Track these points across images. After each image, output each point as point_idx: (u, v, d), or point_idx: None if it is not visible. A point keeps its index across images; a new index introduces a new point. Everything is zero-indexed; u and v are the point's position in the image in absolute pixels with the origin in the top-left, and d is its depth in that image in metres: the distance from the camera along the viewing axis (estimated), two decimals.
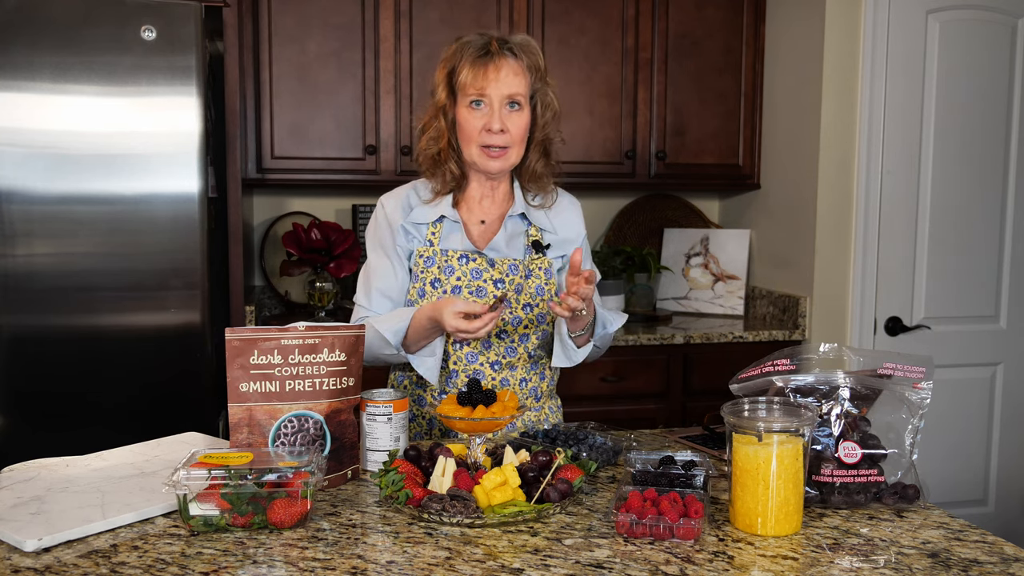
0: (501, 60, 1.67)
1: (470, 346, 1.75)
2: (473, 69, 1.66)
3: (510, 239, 1.78)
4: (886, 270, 3.15)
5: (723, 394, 1.43)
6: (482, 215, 1.81)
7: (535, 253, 1.78)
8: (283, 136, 3.10)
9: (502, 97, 1.67)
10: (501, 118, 1.68)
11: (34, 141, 2.30)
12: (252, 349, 1.38)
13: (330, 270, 3.26)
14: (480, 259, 1.75)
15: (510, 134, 1.69)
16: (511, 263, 1.76)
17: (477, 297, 1.73)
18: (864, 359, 1.50)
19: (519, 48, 1.70)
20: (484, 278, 1.74)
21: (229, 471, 1.23)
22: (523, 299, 1.75)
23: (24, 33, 2.27)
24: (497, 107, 1.67)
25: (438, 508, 1.24)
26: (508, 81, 1.66)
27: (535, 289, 1.76)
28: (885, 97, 3.08)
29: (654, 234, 3.76)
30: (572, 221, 1.85)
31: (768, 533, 1.23)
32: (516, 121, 1.70)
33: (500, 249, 1.77)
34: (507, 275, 1.75)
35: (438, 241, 1.77)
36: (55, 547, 1.18)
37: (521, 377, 1.78)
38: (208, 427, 2.39)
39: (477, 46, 1.68)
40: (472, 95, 1.67)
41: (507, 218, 1.79)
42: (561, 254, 1.82)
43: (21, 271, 2.32)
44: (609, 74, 3.31)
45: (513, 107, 1.69)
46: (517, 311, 1.74)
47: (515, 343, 1.76)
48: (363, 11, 3.10)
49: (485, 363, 1.76)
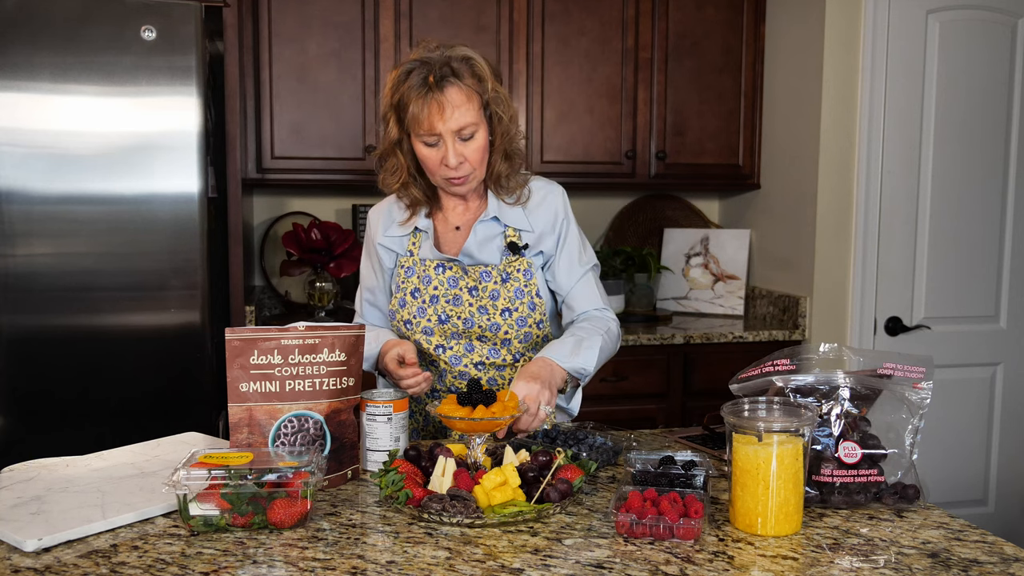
0: (445, 94, 1.60)
1: (452, 350, 1.76)
2: (418, 107, 1.61)
3: (482, 244, 1.76)
4: (886, 270, 3.15)
5: (723, 394, 1.43)
6: (456, 221, 1.80)
7: (512, 255, 1.76)
8: (283, 136, 3.10)
9: (452, 133, 1.62)
10: (457, 152, 1.64)
11: (34, 141, 2.30)
12: (252, 349, 1.38)
13: (330, 270, 3.26)
14: (455, 267, 1.75)
15: (468, 162, 1.67)
16: (483, 270, 1.75)
17: (454, 306, 1.74)
18: (864, 359, 1.50)
19: (460, 68, 1.63)
20: (460, 286, 1.75)
21: (229, 471, 1.23)
22: (500, 304, 1.74)
23: (24, 33, 2.27)
24: (451, 143, 1.63)
25: (438, 508, 1.24)
26: (456, 117, 1.61)
27: (514, 292, 1.74)
28: (885, 97, 3.08)
29: (654, 234, 3.76)
30: (548, 209, 1.79)
31: (768, 533, 1.23)
32: (472, 147, 1.66)
33: (473, 255, 1.76)
34: (479, 282, 1.74)
35: (417, 250, 1.79)
36: (55, 547, 1.18)
37: (509, 377, 1.78)
38: (208, 427, 2.39)
39: (418, 81, 1.61)
40: (424, 136, 1.64)
41: (477, 223, 1.76)
42: (539, 250, 1.78)
43: (21, 271, 2.32)
44: (609, 74, 3.31)
45: (467, 139, 1.65)
46: (495, 317, 1.74)
47: (497, 346, 1.76)
48: (363, 11, 3.10)
49: (469, 364, 1.77)
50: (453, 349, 1.76)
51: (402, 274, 1.78)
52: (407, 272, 1.78)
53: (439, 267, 1.76)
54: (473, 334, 1.74)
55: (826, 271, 3.15)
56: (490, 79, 1.66)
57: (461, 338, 1.75)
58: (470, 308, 1.74)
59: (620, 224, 3.72)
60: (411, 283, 1.77)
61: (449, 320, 1.74)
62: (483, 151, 1.68)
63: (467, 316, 1.74)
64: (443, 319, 1.75)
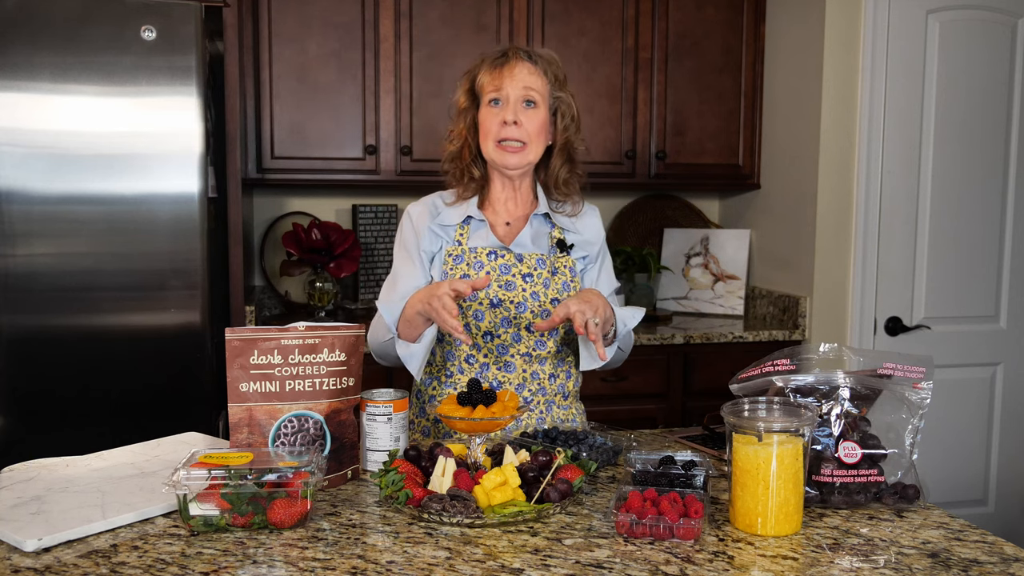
0: (517, 61, 1.75)
1: (499, 339, 1.77)
2: (491, 71, 1.75)
3: (535, 237, 1.83)
4: (886, 270, 3.15)
5: (723, 394, 1.43)
6: (507, 216, 1.85)
7: (559, 252, 1.82)
8: (283, 136, 3.10)
9: (518, 93, 1.73)
10: (516, 112, 1.73)
11: (34, 141, 2.30)
12: (252, 349, 1.38)
13: (330, 270, 3.26)
14: (508, 255, 1.79)
15: (525, 128, 1.74)
16: (539, 257, 1.80)
17: (507, 291, 1.76)
18: (864, 359, 1.50)
19: (538, 55, 1.78)
20: (512, 272, 1.78)
21: (229, 471, 1.23)
22: (551, 294, 1.78)
23: (24, 33, 2.27)
24: (513, 103, 1.73)
25: (438, 508, 1.24)
26: (523, 78, 1.73)
27: (561, 285, 1.79)
28: (885, 97, 3.08)
29: (654, 234, 3.76)
30: (592, 224, 1.89)
31: (768, 533, 1.23)
32: (531, 117, 1.74)
33: (526, 245, 1.81)
34: (535, 269, 1.78)
35: (466, 240, 1.80)
36: (55, 547, 1.18)
37: (550, 372, 1.81)
38: (208, 427, 2.39)
39: (497, 52, 1.78)
40: (490, 93, 1.75)
41: (532, 216, 1.83)
42: (583, 254, 1.85)
43: (21, 271, 2.32)
44: (609, 74, 3.31)
45: (529, 105, 1.74)
46: (547, 304, 1.77)
47: (544, 336, 1.79)
48: (363, 11, 3.10)
49: (516, 354, 1.78)
50: (501, 337, 1.77)
51: (450, 262, 1.78)
52: (455, 260, 1.78)
53: (491, 254, 1.79)
54: (523, 321, 1.76)
55: (826, 271, 3.15)
56: (563, 80, 1.80)
57: (511, 325, 1.76)
58: (523, 293, 1.77)
59: (620, 224, 3.72)
60: (460, 269, 1.78)
61: (502, 304, 1.76)
62: (540, 127, 1.76)
63: (520, 300, 1.76)
64: (495, 303, 1.76)
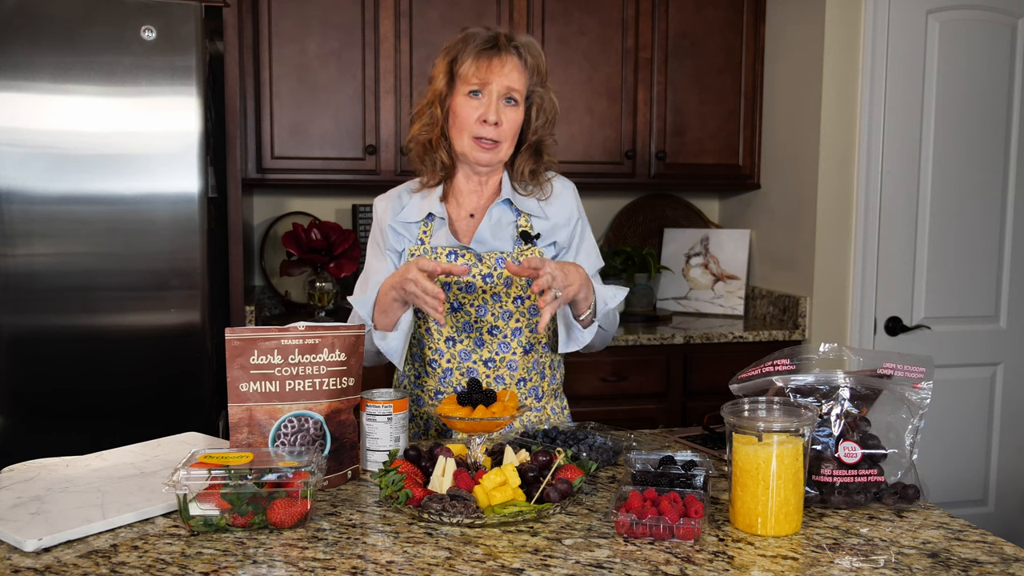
0: (506, 55, 1.70)
1: (463, 344, 1.74)
2: (477, 60, 1.69)
3: (496, 229, 1.77)
4: (886, 270, 3.15)
5: (723, 394, 1.43)
6: (471, 208, 1.80)
7: (524, 244, 1.77)
8: (283, 136, 3.10)
9: (502, 90, 1.69)
10: (498, 110, 1.69)
11: (34, 141, 2.30)
12: (252, 349, 1.38)
13: (330, 270, 3.26)
14: (468, 254, 1.74)
15: (503, 128, 1.71)
16: (498, 256, 1.74)
17: (467, 294, 1.73)
18: (864, 359, 1.50)
19: (524, 48, 1.72)
20: (473, 273, 1.73)
21: (229, 471, 1.23)
22: (513, 292, 1.73)
23: (24, 33, 2.27)
24: (495, 99, 1.69)
25: (438, 508, 1.24)
26: (510, 75, 1.69)
27: (526, 281, 1.73)
28: (885, 97, 3.08)
29: (654, 234, 3.76)
30: (563, 206, 1.82)
31: (768, 533, 1.23)
32: (511, 116, 1.71)
33: (486, 241, 1.76)
34: (494, 268, 1.73)
35: (428, 239, 1.77)
36: (55, 547, 1.18)
37: (520, 377, 1.77)
38: (208, 427, 2.39)
39: (483, 38, 1.71)
40: (474, 84, 1.69)
41: (491, 207, 1.77)
42: (552, 240, 1.79)
43: (21, 271, 2.32)
44: (609, 74, 3.31)
45: (510, 102, 1.71)
46: (507, 305, 1.73)
47: (508, 338, 1.75)
48: (363, 11, 3.10)
49: (479, 360, 1.75)
50: (463, 343, 1.74)
51: None
52: None
53: (451, 255, 1.74)
54: (484, 325, 1.73)
55: (826, 271, 3.15)
56: (544, 74, 1.76)
57: (472, 330, 1.74)
58: (483, 296, 1.73)
59: (620, 224, 3.72)
60: None
61: (462, 308, 1.73)
62: (517, 126, 1.73)
63: (480, 303, 1.73)
64: (455, 307, 1.74)
